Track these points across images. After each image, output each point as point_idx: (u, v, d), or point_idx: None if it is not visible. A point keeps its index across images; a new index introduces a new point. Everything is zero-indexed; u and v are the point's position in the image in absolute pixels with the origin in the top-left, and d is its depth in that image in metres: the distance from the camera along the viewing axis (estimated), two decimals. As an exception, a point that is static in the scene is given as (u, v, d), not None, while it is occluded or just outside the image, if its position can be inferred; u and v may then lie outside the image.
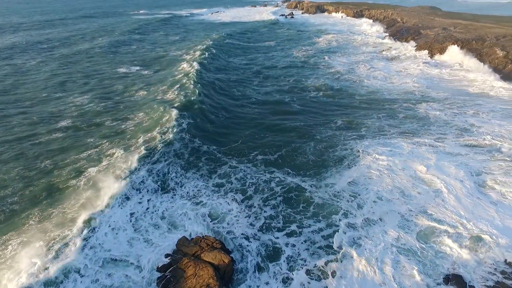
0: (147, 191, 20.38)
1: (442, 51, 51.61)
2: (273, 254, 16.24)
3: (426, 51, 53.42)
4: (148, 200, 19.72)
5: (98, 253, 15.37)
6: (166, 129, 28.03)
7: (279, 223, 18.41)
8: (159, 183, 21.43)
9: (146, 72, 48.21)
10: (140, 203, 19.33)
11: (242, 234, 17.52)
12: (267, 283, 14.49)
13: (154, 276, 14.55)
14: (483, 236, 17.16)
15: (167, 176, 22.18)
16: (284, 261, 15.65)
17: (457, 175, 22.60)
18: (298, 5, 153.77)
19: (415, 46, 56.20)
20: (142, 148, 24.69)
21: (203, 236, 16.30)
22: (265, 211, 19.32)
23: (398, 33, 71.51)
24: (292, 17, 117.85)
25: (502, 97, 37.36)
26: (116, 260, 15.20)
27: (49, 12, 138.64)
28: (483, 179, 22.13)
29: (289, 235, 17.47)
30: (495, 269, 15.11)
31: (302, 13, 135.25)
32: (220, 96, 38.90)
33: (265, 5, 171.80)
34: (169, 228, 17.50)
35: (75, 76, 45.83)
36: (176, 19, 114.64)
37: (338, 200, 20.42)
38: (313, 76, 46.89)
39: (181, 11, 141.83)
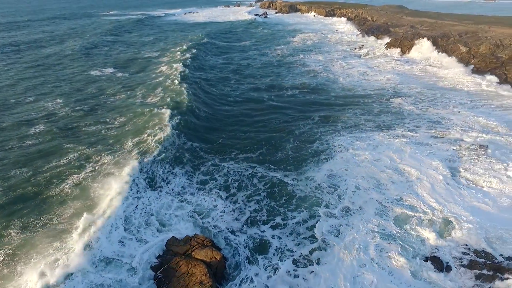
0: (137, 190, 20.36)
1: (411, 47, 53.91)
2: (261, 246, 16.78)
3: (396, 48, 55.62)
4: (137, 198, 19.73)
5: (94, 253, 15.41)
6: (152, 130, 28.00)
7: (264, 216, 19.00)
8: (147, 181, 21.45)
9: (122, 74, 47.27)
10: (131, 203, 19.31)
11: (229, 229, 17.93)
12: (257, 275, 15.00)
13: (147, 274, 14.69)
14: (454, 219, 18.41)
15: (155, 174, 22.26)
16: (272, 253, 16.25)
17: (428, 164, 24.01)
18: (271, 5, 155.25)
19: (386, 44, 58.34)
20: (129, 149, 24.59)
21: (193, 235, 16.47)
22: (249, 206, 19.82)
23: (370, 31, 73.92)
24: (266, 16, 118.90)
25: (469, 90, 39.56)
26: (109, 260, 15.19)
27: (12, 13, 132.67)
28: (453, 167, 23.59)
29: (274, 227, 18.08)
30: (469, 249, 16.26)
31: (276, 12, 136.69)
32: (201, 95, 38.96)
33: (239, 5, 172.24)
34: (158, 227, 17.61)
35: (46, 80, 44.10)
36: (150, 19, 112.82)
37: (319, 192, 21.22)
38: (289, 75, 47.81)
39: (154, 12, 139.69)
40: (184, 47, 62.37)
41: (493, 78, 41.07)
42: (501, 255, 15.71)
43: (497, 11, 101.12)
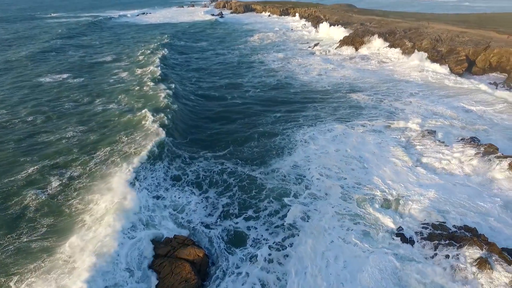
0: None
1: (363, 44, 57.15)
2: (238, 238, 17.55)
3: (349, 45, 58.62)
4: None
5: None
6: (116, 134, 27.79)
7: (236, 209, 19.76)
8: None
9: (77, 80, 45.17)
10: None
11: (204, 223, 18.47)
12: (238, 267, 15.74)
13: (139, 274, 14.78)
14: (410, 198, 20.35)
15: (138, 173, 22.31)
16: (249, 244, 17.12)
17: (384, 150, 26.11)
18: (226, 4, 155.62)
19: (339, 41, 61.22)
20: (96, 158, 24.18)
21: (173, 236, 16.65)
22: (221, 200, 20.52)
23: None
24: (222, 16, 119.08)
25: (417, 81, 42.89)
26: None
27: None
28: (406, 151, 25.77)
29: (247, 219, 18.93)
30: (427, 223, 18.09)
31: (231, 12, 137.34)
32: (163, 95, 38.55)
33: (193, 6, 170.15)
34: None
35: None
36: (103, 22, 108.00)
37: (286, 183, 22.36)
38: (249, 74, 48.77)
39: (106, 14, 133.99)
40: (142, 49, 61.18)
41: (438, 70, 44.91)
42: (453, 225, 17.71)
43: (433, 8, 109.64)
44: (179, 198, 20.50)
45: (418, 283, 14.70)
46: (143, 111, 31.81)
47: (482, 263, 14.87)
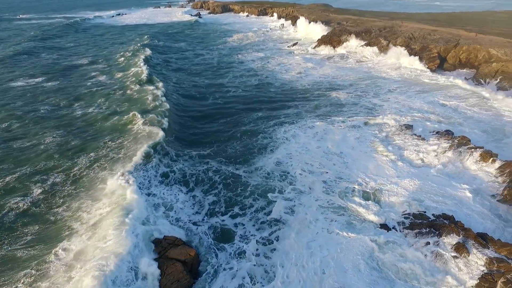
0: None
1: (341, 43, 58.29)
2: (226, 235, 17.75)
3: (327, 44, 59.60)
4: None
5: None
6: (98, 138, 27.41)
7: (222, 207, 19.93)
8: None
9: (52, 83, 43.75)
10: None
11: (193, 222, 18.57)
12: (227, 263, 15.97)
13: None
14: (391, 189, 21.09)
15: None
16: (237, 240, 17.41)
17: (363, 145, 26.88)
18: (204, 5, 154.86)
19: (318, 40, 62.16)
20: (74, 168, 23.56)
21: (163, 237, 16.55)
22: (208, 198, 20.66)
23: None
24: (200, 17, 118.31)
25: (394, 78, 44.18)
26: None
27: None
28: (384, 146, 26.58)
29: (234, 216, 19.17)
30: (408, 213, 18.79)
31: (209, 13, 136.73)
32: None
33: (170, 6, 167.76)
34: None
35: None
36: (78, 23, 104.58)
37: (270, 180, 22.69)
38: (230, 74, 48.83)
39: (78, 15, 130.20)
40: (121, 51, 60.16)
41: (414, 67, 46.45)
42: (432, 214, 18.50)
43: (406, 8, 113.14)
44: (168, 195, 20.53)
45: (400, 269, 15.34)
46: (130, 113, 31.41)
47: (460, 248, 15.64)
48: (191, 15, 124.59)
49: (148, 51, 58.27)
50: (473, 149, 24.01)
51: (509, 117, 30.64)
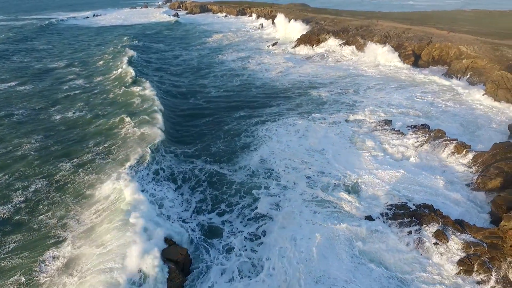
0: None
1: (320, 42, 59.18)
2: (215, 232, 17.99)
3: (306, 43, 60.31)
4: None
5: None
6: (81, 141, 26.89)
7: (209, 205, 20.13)
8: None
9: (26, 87, 42.30)
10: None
11: (183, 219, 18.73)
12: (217, 259, 16.22)
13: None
14: (373, 182, 21.79)
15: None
16: (225, 236, 17.69)
17: (343, 140, 27.63)
18: (181, 5, 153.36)
19: (297, 40, 62.86)
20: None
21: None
22: (195, 197, 20.82)
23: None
24: (178, 17, 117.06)
25: (372, 75, 45.21)
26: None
27: None
28: (364, 140, 27.35)
29: (221, 214, 19.44)
30: (391, 204, 19.44)
31: (187, 13, 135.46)
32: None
33: (146, 6, 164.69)
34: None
35: None
36: (51, 25, 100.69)
37: (255, 177, 23.01)
38: (211, 74, 48.73)
39: (51, 16, 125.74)
40: (99, 54, 58.82)
41: (390, 64, 47.82)
42: (414, 204, 19.25)
43: (380, 7, 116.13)
44: (158, 192, 20.56)
45: (383, 256, 15.99)
46: (113, 116, 31.05)
47: (440, 235, 16.39)
48: (169, 15, 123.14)
49: (128, 52, 57.18)
50: (448, 142, 25.08)
51: (481, 110, 32.14)
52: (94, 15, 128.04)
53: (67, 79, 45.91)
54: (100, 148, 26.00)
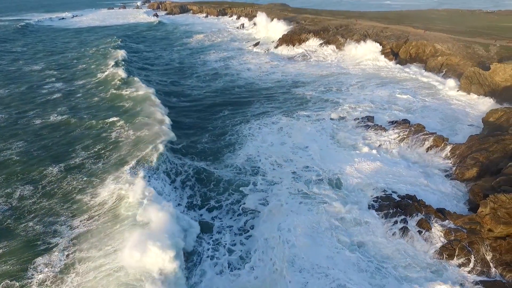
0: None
1: (301, 41, 60.01)
2: (206, 228, 18.30)
3: (288, 43, 60.95)
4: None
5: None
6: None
7: (198, 201, 20.65)
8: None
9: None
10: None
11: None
12: (208, 250, 16.83)
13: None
14: (356, 176, 22.46)
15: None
16: (215, 231, 18.12)
17: (326, 137, 28.29)
18: (161, 5, 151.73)
19: (279, 39, 63.45)
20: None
21: None
22: (186, 192, 21.30)
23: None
24: (157, 18, 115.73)
25: (355, 73, 46.20)
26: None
27: None
28: (348, 137, 28.11)
29: (211, 209, 19.83)
30: (376, 197, 20.16)
31: (166, 13, 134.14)
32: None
33: (124, 7, 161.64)
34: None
35: None
36: (27, 26, 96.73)
37: (243, 174, 23.37)
38: (193, 75, 48.62)
39: (26, 17, 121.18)
40: (78, 56, 57.51)
41: (372, 62, 49.14)
42: (398, 195, 20.05)
43: (358, 7, 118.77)
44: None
45: (367, 244, 16.81)
46: (95, 118, 30.66)
47: (423, 223, 17.20)
48: (148, 15, 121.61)
49: (111, 53, 56.35)
50: (427, 136, 26.14)
51: (457, 105, 33.57)
52: (71, 17, 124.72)
53: (46, 82, 44.60)
54: (91, 151, 25.45)
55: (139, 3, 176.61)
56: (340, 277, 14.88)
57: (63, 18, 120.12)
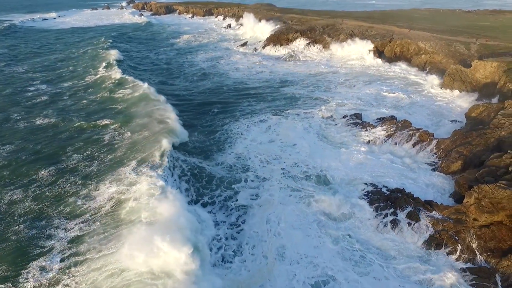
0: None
1: (289, 41, 60.56)
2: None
3: (276, 42, 61.30)
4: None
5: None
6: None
7: (194, 196, 20.99)
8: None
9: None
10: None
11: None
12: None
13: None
14: (345, 172, 23.10)
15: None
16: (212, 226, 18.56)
17: (315, 134, 28.84)
18: (146, 6, 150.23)
19: (266, 39, 63.86)
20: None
21: None
22: (182, 185, 21.67)
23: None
24: (145, 19, 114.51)
25: (342, 71, 46.89)
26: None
27: None
28: (336, 134, 28.76)
29: (205, 205, 20.38)
30: (367, 191, 20.74)
31: (152, 14, 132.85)
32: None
33: (108, 8, 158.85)
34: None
35: None
36: (9, 28, 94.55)
37: (234, 171, 23.77)
38: (181, 76, 48.61)
39: (7, 18, 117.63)
40: (65, 58, 56.53)
41: (359, 61, 50.14)
42: (387, 189, 20.70)
43: (344, 7, 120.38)
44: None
45: (357, 236, 17.35)
46: (84, 121, 30.30)
47: (412, 215, 17.86)
48: (133, 16, 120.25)
49: (100, 54, 55.72)
50: (413, 131, 26.93)
51: (441, 101, 34.63)
52: (54, 18, 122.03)
53: (30, 84, 43.65)
54: (80, 155, 25.16)
55: (124, 4, 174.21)
56: (326, 266, 15.66)
57: (45, 19, 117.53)
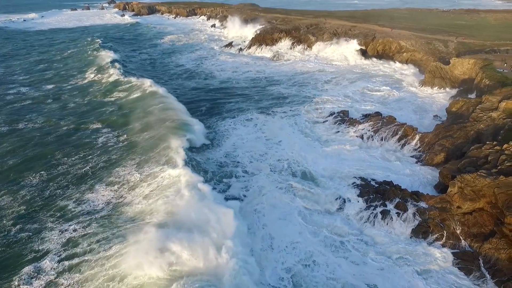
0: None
1: (274, 41, 61.21)
2: None
3: (261, 42, 61.84)
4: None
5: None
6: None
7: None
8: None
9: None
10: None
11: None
12: None
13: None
14: (335, 167, 23.91)
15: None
16: None
17: (302, 131, 29.64)
18: (127, 6, 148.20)
19: (251, 39, 64.28)
20: None
21: None
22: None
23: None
24: (129, 19, 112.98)
25: (329, 70, 47.80)
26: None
27: None
28: (324, 131, 29.62)
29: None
30: (353, 182, 21.56)
31: (134, 14, 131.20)
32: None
33: (88, 8, 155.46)
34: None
35: None
36: None
37: (225, 168, 24.43)
38: (166, 75, 48.64)
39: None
40: (43, 60, 55.42)
41: (344, 60, 51.36)
42: (376, 182, 21.57)
43: (327, 6, 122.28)
44: None
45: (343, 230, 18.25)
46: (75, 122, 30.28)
47: (400, 205, 18.76)
48: (115, 16, 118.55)
49: (90, 54, 54.96)
50: (398, 126, 27.99)
51: (423, 97, 35.97)
52: (33, 19, 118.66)
53: (10, 87, 42.84)
54: (73, 159, 25.13)
55: (105, 4, 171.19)
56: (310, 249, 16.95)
57: (24, 20, 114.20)
